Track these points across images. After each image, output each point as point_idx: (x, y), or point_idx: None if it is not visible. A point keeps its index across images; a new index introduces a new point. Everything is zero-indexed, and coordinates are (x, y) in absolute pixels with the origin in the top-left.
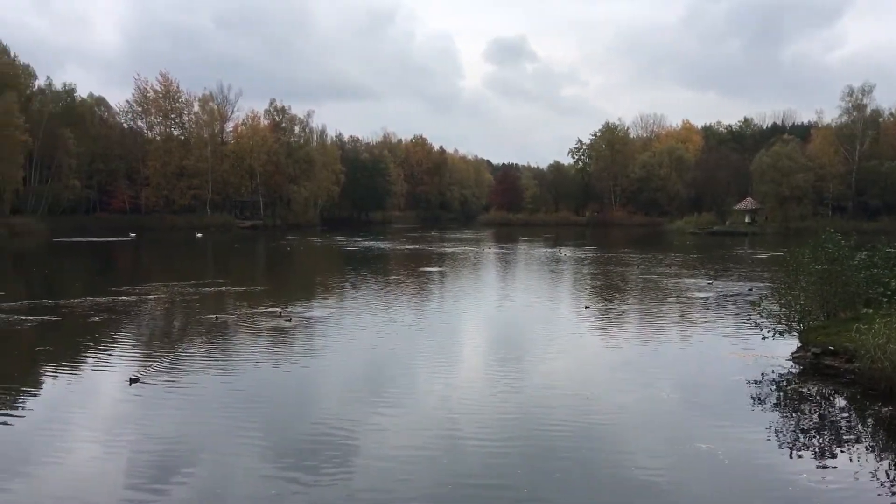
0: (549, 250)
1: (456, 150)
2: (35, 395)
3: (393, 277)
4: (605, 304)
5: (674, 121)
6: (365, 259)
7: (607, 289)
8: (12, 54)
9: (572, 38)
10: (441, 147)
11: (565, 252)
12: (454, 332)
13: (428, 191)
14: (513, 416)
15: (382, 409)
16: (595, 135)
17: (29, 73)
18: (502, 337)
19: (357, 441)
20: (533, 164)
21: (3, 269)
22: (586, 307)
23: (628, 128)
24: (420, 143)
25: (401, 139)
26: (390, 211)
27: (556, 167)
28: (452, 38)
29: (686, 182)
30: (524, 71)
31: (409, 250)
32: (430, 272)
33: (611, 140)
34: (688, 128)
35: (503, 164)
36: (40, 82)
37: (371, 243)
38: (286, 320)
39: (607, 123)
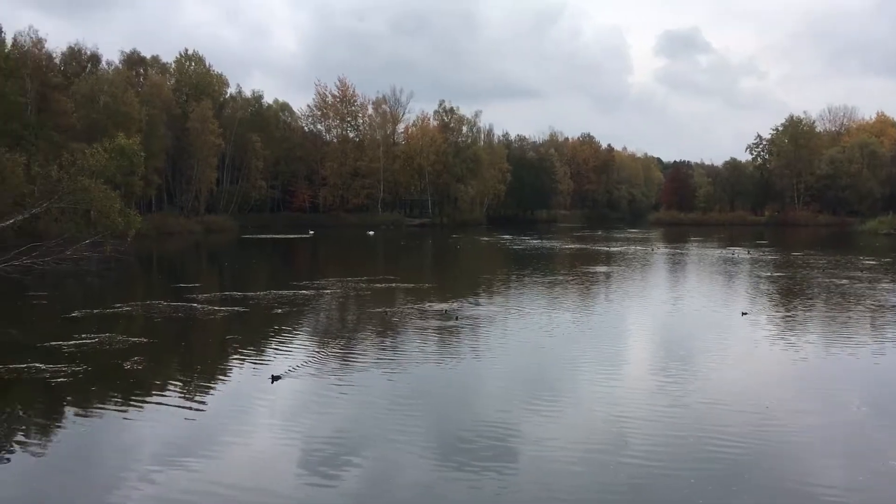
0: (722, 251)
1: (624, 148)
2: (223, 382)
3: (558, 277)
4: (784, 311)
5: (866, 113)
6: (530, 258)
7: (787, 293)
8: (207, 64)
9: (750, 27)
10: (609, 145)
11: (740, 253)
12: (619, 336)
13: (595, 189)
14: (682, 428)
15: (545, 414)
16: (776, 129)
17: (222, 82)
18: (670, 343)
19: (518, 444)
20: (706, 162)
21: (199, 264)
22: (743, 314)
23: (814, 121)
24: (587, 142)
25: (567, 137)
26: (556, 209)
27: (733, 164)
28: (621, 32)
29: (880, 179)
30: (697, 64)
31: (575, 249)
32: (596, 272)
33: (794, 135)
34: (882, 120)
35: (674, 161)
36: (232, 90)
37: (536, 242)
38: (452, 318)
39: (791, 117)
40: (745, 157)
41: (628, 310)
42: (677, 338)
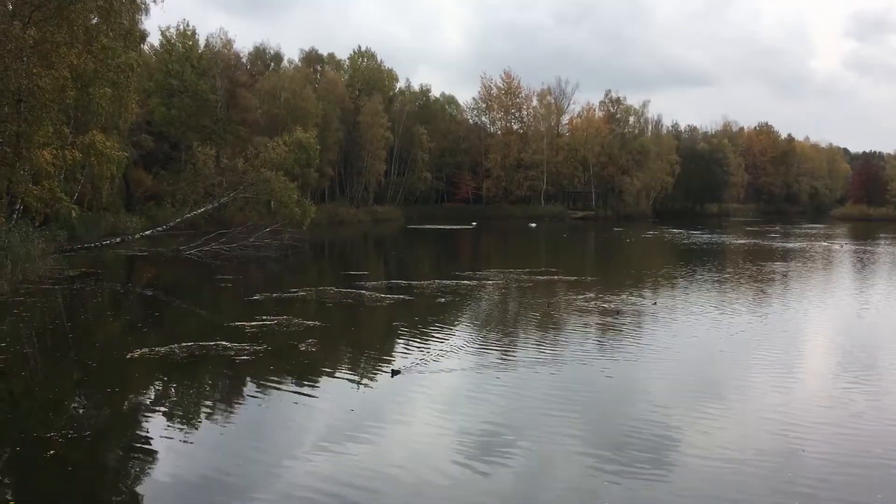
0: None
1: (807, 138)
2: (384, 370)
3: (729, 274)
4: None
5: None
6: (700, 253)
7: None
8: (378, 60)
9: None
10: (789, 134)
11: None
12: (796, 342)
13: (771, 182)
14: (868, 449)
15: (710, 422)
16: None
17: (392, 76)
18: (853, 352)
19: (680, 453)
20: None
21: (368, 252)
22: None
23: None
24: (764, 131)
25: (742, 127)
26: (728, 203)
27: None
28: (804, 14)
29: None
30: (891, 46)
31: (750, 245)
32: (773, 271)
33: None
34: None
35: (863, 152)
36: (401, 84)
37: (707, 236)
38: (614, 313)
39: None
40: None
41: (806, 313)
42: (862, 347)
